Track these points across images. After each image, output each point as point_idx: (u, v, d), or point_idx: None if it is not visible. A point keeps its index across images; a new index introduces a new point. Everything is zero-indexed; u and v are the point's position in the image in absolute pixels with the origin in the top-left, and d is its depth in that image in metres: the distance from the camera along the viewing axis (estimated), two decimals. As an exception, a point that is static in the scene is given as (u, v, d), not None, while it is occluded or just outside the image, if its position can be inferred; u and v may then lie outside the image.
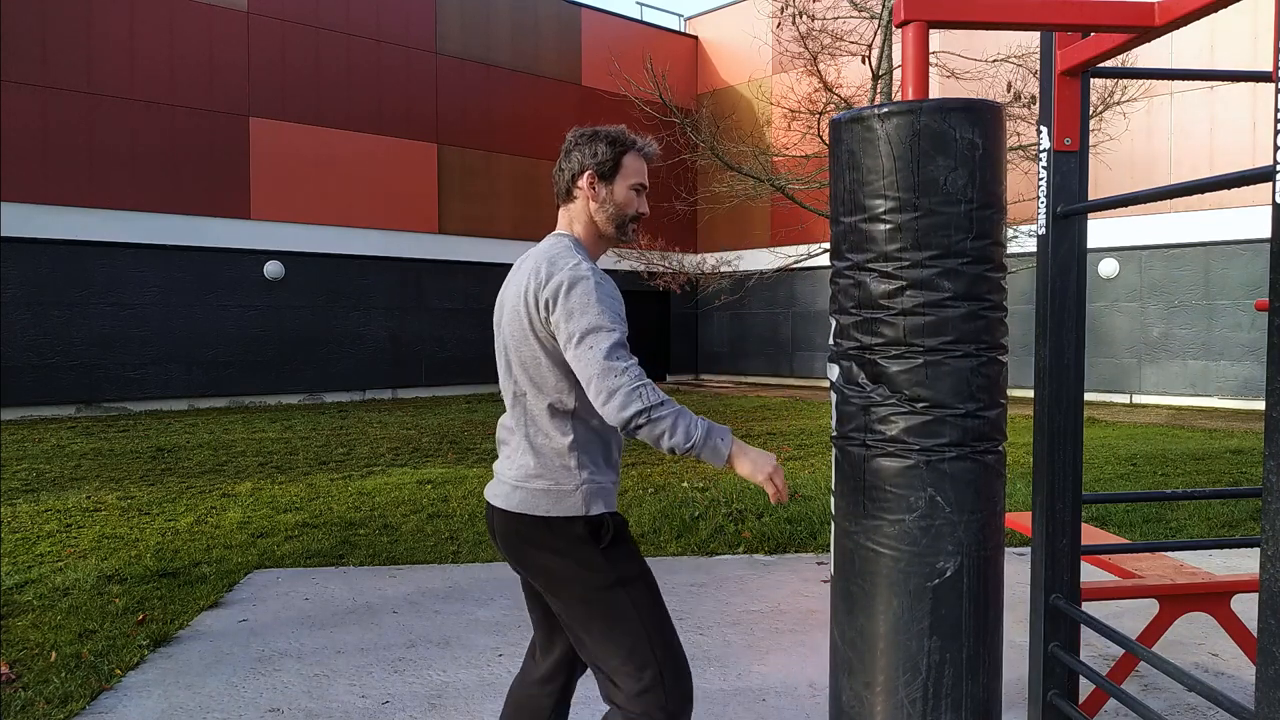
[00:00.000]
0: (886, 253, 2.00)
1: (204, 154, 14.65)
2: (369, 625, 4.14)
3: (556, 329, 1.94)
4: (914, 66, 2.04)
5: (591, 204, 2.12)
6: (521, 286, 2.03)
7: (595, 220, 2.13)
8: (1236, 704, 1.86)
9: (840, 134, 2.04)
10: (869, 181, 2.00)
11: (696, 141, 13.69)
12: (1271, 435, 1.58)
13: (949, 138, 1.98)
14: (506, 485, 2.08)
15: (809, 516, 6.11)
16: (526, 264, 2.08)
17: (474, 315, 17.89)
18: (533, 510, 2.03)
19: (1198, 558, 5.12)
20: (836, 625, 2.13)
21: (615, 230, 2.14)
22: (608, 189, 2.12)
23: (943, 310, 2.00)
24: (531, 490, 2.03)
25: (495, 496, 2.11)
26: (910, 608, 2.01)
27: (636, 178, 2.14)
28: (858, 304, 2.05)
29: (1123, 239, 14.91)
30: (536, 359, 2.02)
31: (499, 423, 2.18)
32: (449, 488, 7.40)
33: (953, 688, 2.04)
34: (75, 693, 3.34)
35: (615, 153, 2.11)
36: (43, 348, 13.24)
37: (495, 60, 18.20)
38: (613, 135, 2.13)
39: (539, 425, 2.04)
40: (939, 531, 2.03)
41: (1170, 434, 10.81)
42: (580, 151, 2.12)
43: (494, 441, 10.25)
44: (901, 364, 2.00)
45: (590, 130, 2.15)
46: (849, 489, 2.06)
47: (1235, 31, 13.57)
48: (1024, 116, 11.68)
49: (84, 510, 6.55)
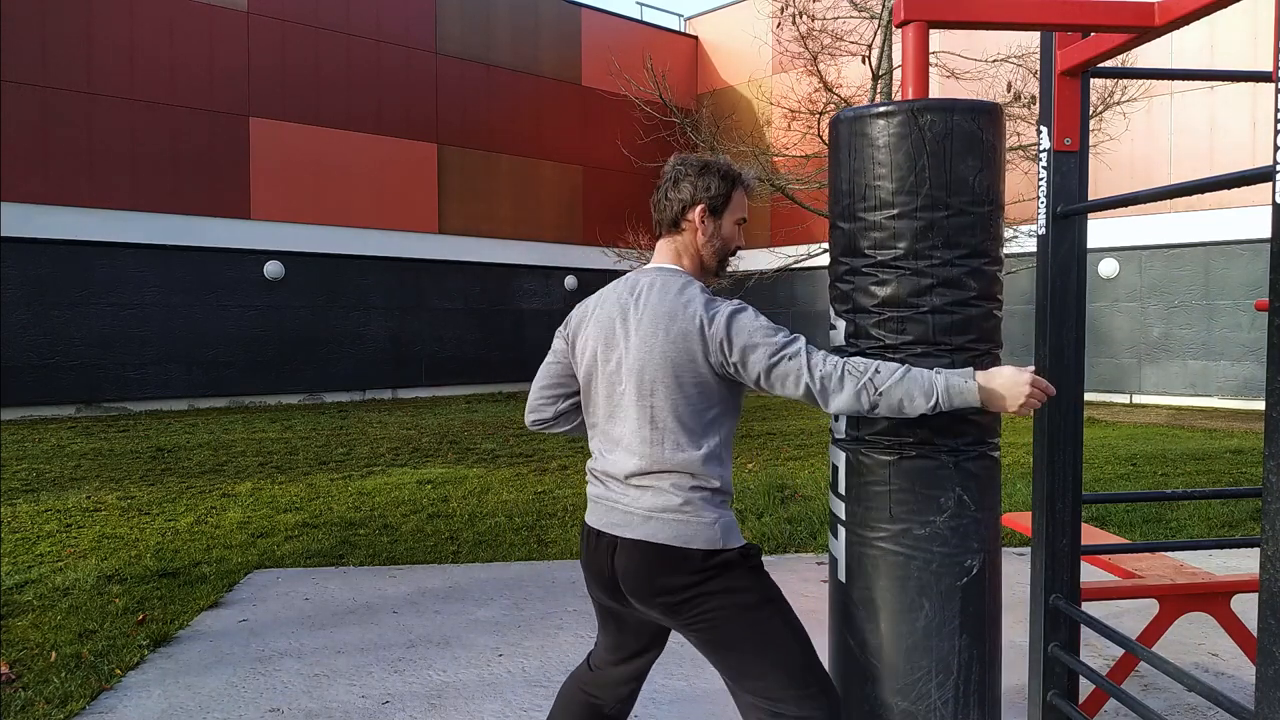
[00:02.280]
0: (917, 250, 1.97)
1: (204, 154, 14.65)
2: (369, 625, 4.14)
3: (744, 361, 1.92)
4: (914, 66, 2.04)
5: (699, 237, 2.08)
6: (673, 329, 1.95)
7: (701, 253, 2.10)
8: (1236, 704, 1.86)
9: (867, 128, 2.00)
10: (901, 177, 1.96)
11: (696, 141, 13.68)
12: (1271, 435, 1.58)
13: (977, 138, 1.99)
14: (638, 516, 2.01)
15: (809, 516, 6.11)
16: (660, 303, 1.99)
17: (474, 315, 17.89)
18: (691, 542, 1.96)
19: (1198, 558, 5.12)
20: (853, 634, 2.06)
21: (718, 265, 2.12)
22: (716, 223, 2.09)
23: (967, 309, 2.01)
24: (691, 521, 1.97)
25: (620, 527, 2.02)
26: (942, 608, 2.00)
27: (741, 212, 2.12)
28: (881, 302, 2.01)
29: (1123, 239, 14.90)
30: (690, 391, 1.96)
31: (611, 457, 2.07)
32: (449, 488, 7.40)
33: (979, 684, 2.05)
34: (75, 693, 3.34)
35: (727, 187, 2.08)
36: (43, 348, 13.24)
37: (495, 60, 18.20)
38: (724, 169, 2.10)
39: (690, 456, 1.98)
40: (965, 530, 2.03)
41: (1170, 434, 10.81)
42: (691, 183, 2.07)
43: (493, 441, 10.27)
44: (929, 363, 1.98)
45: (700, 161, 2.10)
46: (869, 494, 2.01)
47: (1235, 31, 13.57)
48: (1024, 116, 11.69)
49: (84, 510, 6.55)
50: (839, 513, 2.14)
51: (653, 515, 1.98)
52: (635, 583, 2.00)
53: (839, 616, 2.14)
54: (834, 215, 2.16)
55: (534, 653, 3.78)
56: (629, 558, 1.99)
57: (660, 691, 3.33)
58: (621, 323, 2.05)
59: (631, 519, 2.00)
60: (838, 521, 2.15)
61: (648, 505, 1.99)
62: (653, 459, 1.99)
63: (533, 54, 18.78)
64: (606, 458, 2.07)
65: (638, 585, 2.00)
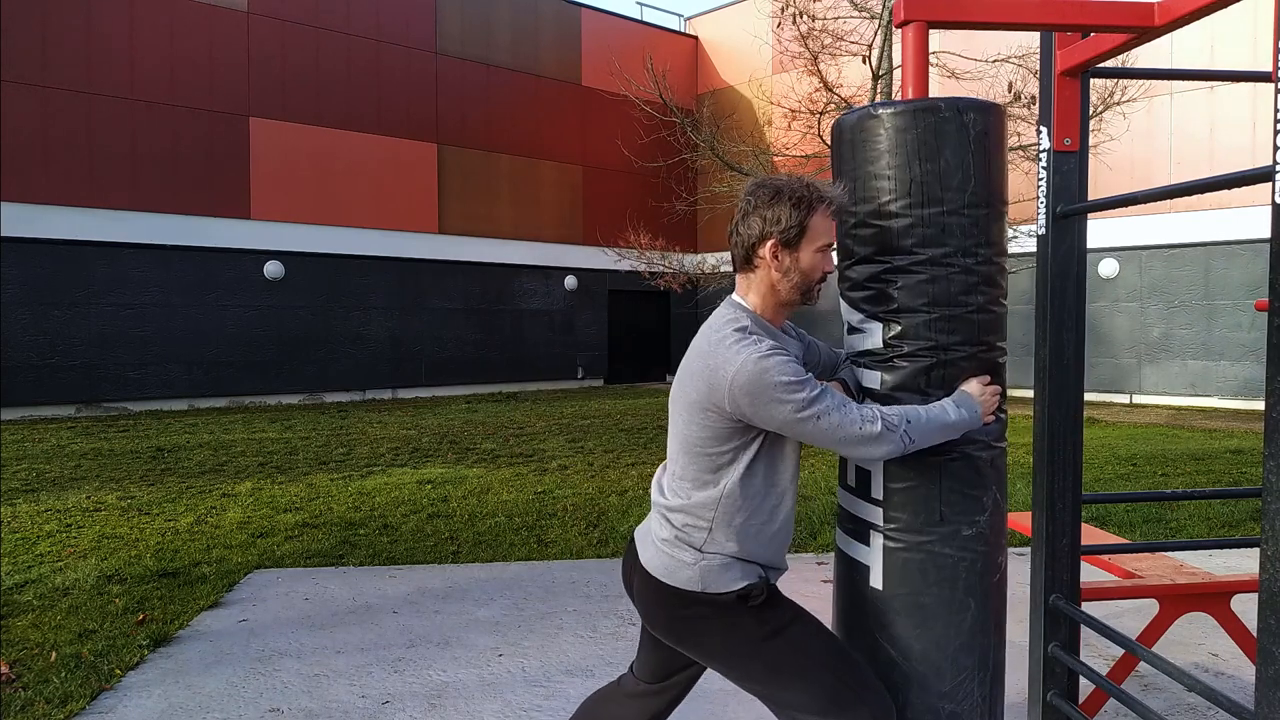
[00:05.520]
0: (964, 247, 1.95)
1: (204, 154, 14.64)
2: (369, 625, 4.14)
3: (755, 417, 1.85)
4: (914, 66, 2.04)
5: (774, 273, 1.93)
6: (696, 365, 1.93)
7: (778, 289, 1.95)
8: (1236, 704, 1.86)
9: (912, 121, 1.95)
10: (949, 173, 1.94)
11: (696, 141, 13.68)
12: (1271, 435, 1.57)
13: (1003, 138, 2.01)
14: (649, 540, 2.02)
15: (809, 516, 6.11)
16: (702, 335, 1.97)
17: (474, 315, 17.89)
18: (669, 578, 1.97)
19: (1198, 558, 5.12)
20: (893, 643, 2.01)
21: (801, 297, 1.96)
22: (792, 257, 1.91)
23: (999, 307, 2.03)
24: (671, 557, 1.97)
25: (643, 545, 2.06)
26: (983, 607, 2.01)
27: (825, 238, 1.93)
28: (931, 301, 1.95)
29: (1123, 239, 14.90)
30: (704, 433, 1.93)
31: (656, 476, 2.12)
32: (449, 488, 7.40)
33: (1003, 676, 2.09)
34: (75, 693, 3.34)
35: (800, 216, 1.89)
36: (43, 348, 13.23)
37: (495, 60, 18.20)
38: (797, 194, 1.89)
39: (690, 495, 1.97)
40: (998, 528, 2.05)
41: (1170, 434, 10.81)
42: (760, 216, 1.91)
43: (493, 441, 10.27)
44: (976, 362, 1.98)
45: (772, 188, 1.91)
46: (915, 498, 1.98)
47: (1235, 31, 13.56)
48: (1024, 116, 11.69)
49: (84, 510, 6.55)
50: (871, 518, 2.04)
51: (654, 543, 2.00)
52: (639, 604, 2.05)
53: (873, 626, 2.05)
54: (865, 214, 2.03)
55: (534, 653, 3.78)
56: (638, 577, 2.04)
57: (660, 691, 3.33)
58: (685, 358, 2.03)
59: (645, 541, 2.04)
60: (869, 528, 2.05)
61: (655, 532, 2.02)
62: (668, 487, 2.01)
63: (533, 54, 18.78)
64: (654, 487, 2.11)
65: (641, 607, 2.04)
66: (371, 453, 9.50)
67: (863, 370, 2.07)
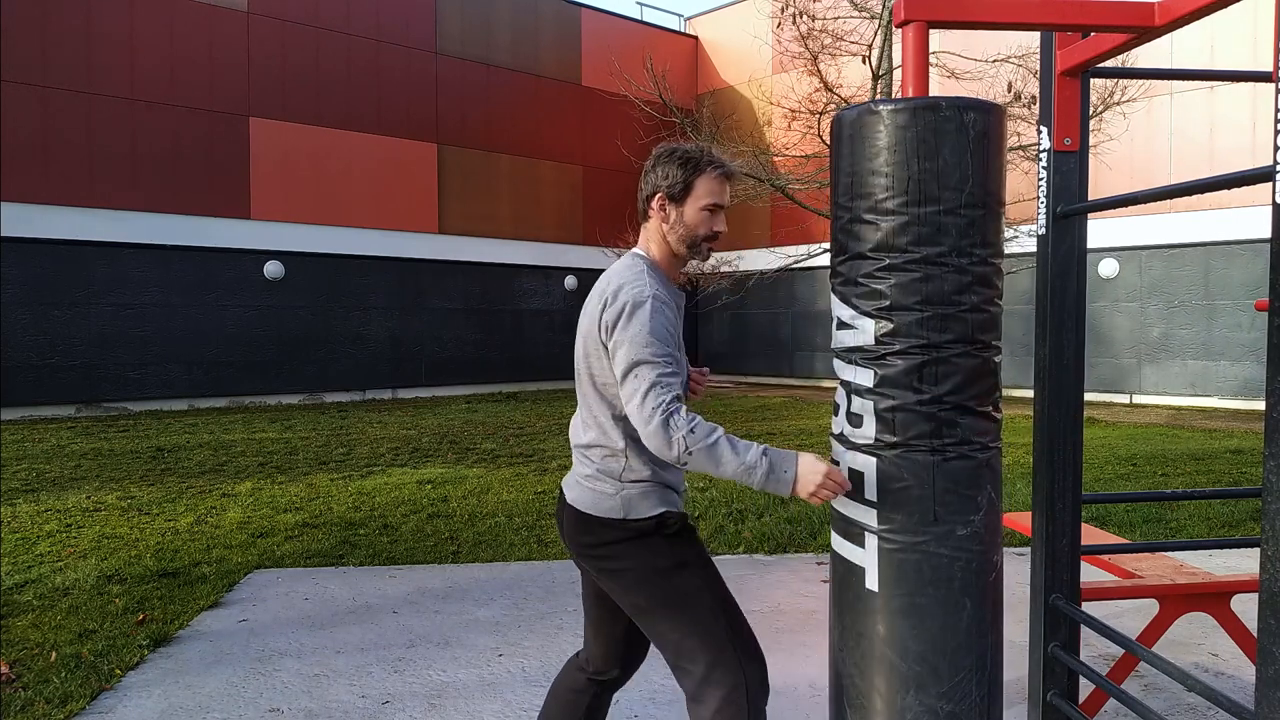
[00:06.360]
0: (960, 247, 1.95)
1: (204, 154, 14.65)
2: (369, 625, 4.14)
3: (614, 352, 2.00)
4: (914, 66, 2.04)
5: (663, 225, 2.14)
6: (594, 302, 2.10)
7: (668, 240, 2.15)
8: (1236, 704, 1.86)
9: (912, 119, 1.94)
10: (947, 173, 1.94)
11: (696, 141, 13.66)
12: (1271, 435, 1.58)
13: (1003, 139, 2.01)
14: (572, 480, 2.17)
15: (809, 516, 6.11)
16: (603, 279, 2.14)
17: (474, 315, 17.90)
18: (594, 510, 2.09)
19: (1198, 558, 5.12)
20: (891, 645, 2.01)
21: (687, 250, 2.15)
22: (678, 211, 2.12)
23: (994, 307, 2.03)
24: (594, 490, 2.10)
25: (569, 488, 2.19)
26: (979, 606, 2.01)
27: (709, 198, 2.12)
28: (924, 299, 1.96)
29: (1123, 239, 14.90)
30: (603, 368, 2.07)
31: (571, 422, 2.26)
32: (449, 488, 7.40)
33: (1000, 676, 2.08)
34: (75, 693, 3.34)
35: (685, 175, 2.10)
36: (43, 348, 13.24)
37: (495, 60, 18.20)
38: (685, 156, 2.12)
39: (603, 428, 2.10)
40: (993, 527, 2.05)
41: (1170, 434, 10.81)
42: (655, 173, 2.14)
43: (493, 441, 10.27)
44: (970, 361, 1.98)
45: (668, 150, 2.15)
46: (909, 498, 1.98)
47: (1235, 31, 13.57)
48: (1024, 116, 11.70)
49: (84, 510, 6.55)
50: (866, 520, 2.03)
51: (578, 482, 2.15)
52: (568, 541, 2.18)
53: (871, 627, 2.04)
54: (861, 210, 2.04)
55: (534, 653, 3.78)
56: (565, 516, 2.18)
57: (660, 691, 3.34)
58: (585, 304, 2.19)
59: (570, 483, 2.19)
60: (864, 530, 2.04)
61: (577, 471, 2.17)
62: (582, 428, 2.16)
63: (533, 54, 18.78)
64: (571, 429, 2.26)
65: (570, 544, 2.18)
66: (371, 453, 9.50)
67: (854, 367, 2.06)
